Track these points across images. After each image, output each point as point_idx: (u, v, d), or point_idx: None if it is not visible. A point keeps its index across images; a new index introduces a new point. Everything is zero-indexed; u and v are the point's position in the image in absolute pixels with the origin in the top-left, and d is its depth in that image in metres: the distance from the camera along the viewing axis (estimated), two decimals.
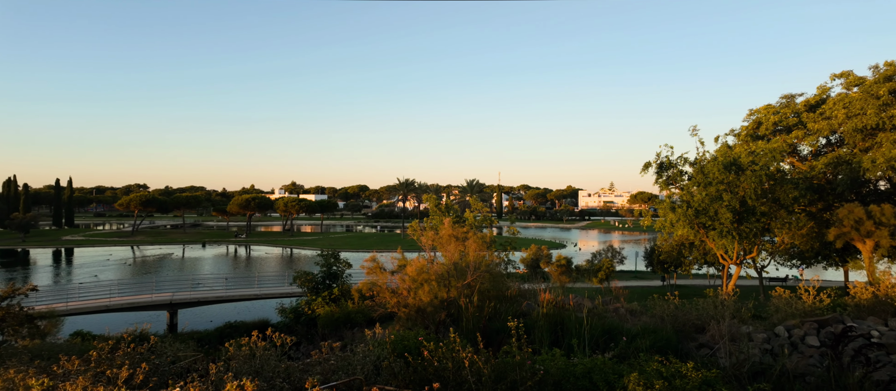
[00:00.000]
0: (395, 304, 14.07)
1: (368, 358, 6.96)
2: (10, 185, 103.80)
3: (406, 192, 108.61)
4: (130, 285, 40.26)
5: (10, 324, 14.00)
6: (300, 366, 6.87)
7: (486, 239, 16.73)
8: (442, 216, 24.03)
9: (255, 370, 6.67)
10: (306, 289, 25.91)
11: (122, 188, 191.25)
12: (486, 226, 24.63)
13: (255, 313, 30.41)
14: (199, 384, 5.35)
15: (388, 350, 7.07)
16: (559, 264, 34.58)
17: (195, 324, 28.14)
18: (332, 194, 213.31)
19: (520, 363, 5.87)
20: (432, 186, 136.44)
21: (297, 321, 23.62)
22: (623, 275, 44.26)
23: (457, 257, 16.14)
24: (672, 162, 25.45)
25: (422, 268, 14.60)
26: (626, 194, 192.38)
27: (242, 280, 45.57)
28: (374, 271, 15.47)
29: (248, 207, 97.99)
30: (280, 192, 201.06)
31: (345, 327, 21.48)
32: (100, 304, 27.80)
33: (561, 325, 11.48)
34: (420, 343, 6.56)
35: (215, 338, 21.97)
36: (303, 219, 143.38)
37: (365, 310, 21.71)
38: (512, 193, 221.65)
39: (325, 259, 26.65)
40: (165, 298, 29.55)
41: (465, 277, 14.49)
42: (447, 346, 6.00)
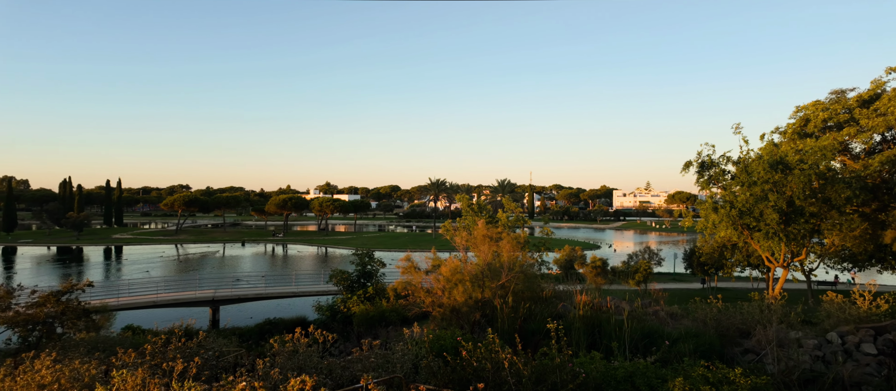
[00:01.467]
0: (430, 304, 14.18)
1: (407, 356, 7.06)
2: (66, 186, 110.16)
3: (437, 192, 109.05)
4: (175, 282, 42.04)
5: (69, 317, 14.87)
6: (342, 363, 7.04)
7: (520, 239, 16.62)
8: (475, 216, 24.01)
9: (299, 366, 6.88)
10: (342, 287, 26.40)
11: (166, 188, 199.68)
12: (519, 226, 24.46)
13: (293, 310, 31.19)
14: (248, 377, 5.56)
15: (426, 349, 7.15)
16: (594, 265, 34.00)
17: (236, 321, 29.09)
18: (365, 194, 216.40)
19: (560, 365, 5.83)
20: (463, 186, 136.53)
21: (333, 319, 24.09)
22: (661, 278, 43.10)
23: (490, 257, 16.11)
24: (714, 161, 24.61)
25: (456, 269, 14.66)
26: (663, 194, 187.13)
27: (280, 278, 46.86)
28: (409, 271, 15.62)
29: (285, 207, 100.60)
30: (315, 193, 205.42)
31: (380, 325, 21.78)
32: (148, 300, 29.15)
33: (598, 328, 11.30)
34: (458, 343, 6.60)
35: (256, 334, 22.67)
36: (337, 218, 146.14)
37: (399, 309, 21.95)
38: (544, 193, 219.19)
39: (360, 258, 27.09)
40: (208, 295, 30.71)
41: (500, 278, 14.46)
42: (485, 347, 6.02)
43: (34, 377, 5.57)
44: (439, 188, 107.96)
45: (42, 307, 14.58)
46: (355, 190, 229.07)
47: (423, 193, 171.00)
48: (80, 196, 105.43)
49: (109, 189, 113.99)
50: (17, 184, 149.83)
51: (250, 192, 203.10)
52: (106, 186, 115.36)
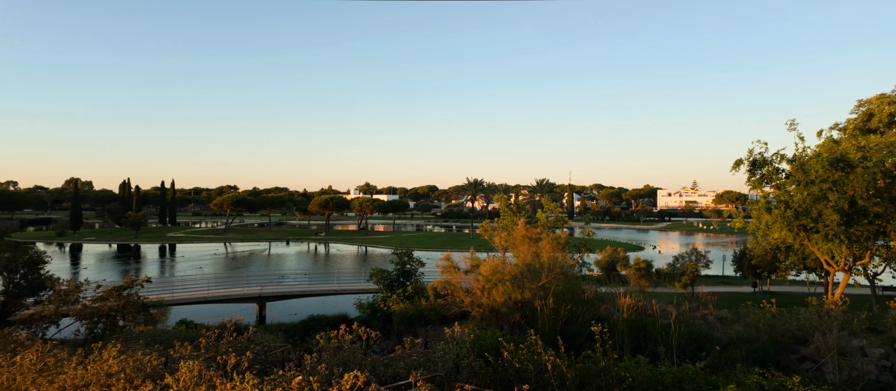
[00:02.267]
0: (469, 304, 14.22)
1: (448, 355, 7.12)
2: (125, 187, 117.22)
3: (475, 191, 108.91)
4: (225, 279, 43.93)
5: (129, 311, 15.83)
6: (384, 361, 7.18)
7: (560, 240, 16.39)
8: (514, 216, 23.84)
9: (343, 362, 7.06)
10: (382, 285, 26.86)
11: (215, 189, 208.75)
12: (559, 226, 24.11)
13: (335, 307, 31.94)
14: (296, 371, 5.76)
15: (467, 349, 7.19)
16: (637, 267, 33.07)
17: (282, 317, 30.10)
18: (403, 194, 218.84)
19: (604, 369, 5.72)
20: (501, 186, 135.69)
21: (373, 316, 24.52)
22: (709, 281, 41.41)
23: (530, 258, 15.97)
24: (766, 159, 23.42)
25: (495, 269, 14.63)
26: (710, 193, 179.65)
27: (322, 276, 48.08)
28: (448, 270, 15.70)
29: (327, 207, 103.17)
30: (355, 193, 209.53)
31: (419, 324, 21.99)
32: (199, 296, 30.59)
33: (643, 332, 11.01)
34: (499, 343, 6.60)
35: (300, 330, 23.36)
36: (376, 218, 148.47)
37: (438, 308, 22.09)
38: (584, 193, 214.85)
39: (399, 257, 27.47)
40: (255, 292, 31.91)
41: (540, 279, 14.32)
42: (527, 348, 5.99)
43: (102, 366, 5.94)
44: (477, 188, 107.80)
45: (106, 301, 15.60)
46: (394, 190, 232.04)
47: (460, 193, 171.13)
48: (138, 196, 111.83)
49: (164, 190, 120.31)
50: (81, 185, 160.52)
51: (294, 193, 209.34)
52: (161, 187, 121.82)
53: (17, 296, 18.06)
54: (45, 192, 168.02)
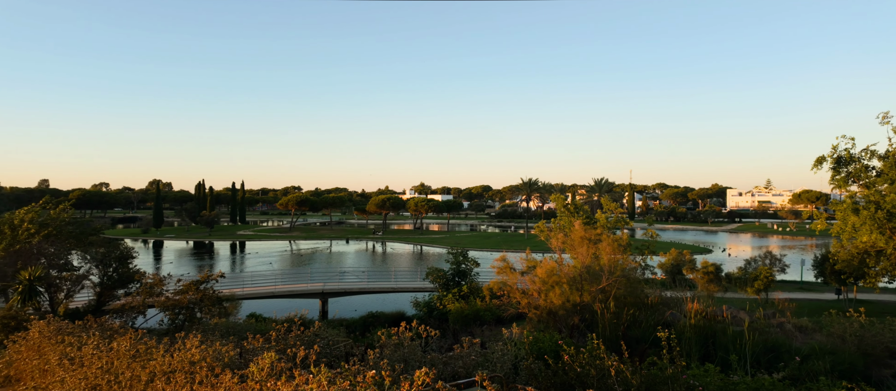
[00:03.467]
0: (526, 305, 14.10)
1: (506, 357, 7.11)
2: (200, 188, 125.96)
3: (529, 191, 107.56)
4: (290, 275, 46.13)
5: (206, 304, 17.01)
6: (443, 359, 7.29)
7: (621, 241, 15.87)
8: (571, 217, 23.35)
9: (403, 358, 7.24)
10: (437, 285, 27.20)
11: (281, 190, 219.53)
12: (619, 227, 23.35)
13: (393, 305, 32.66)
14: (361, 366, 5.98)
15: (526, 350, 7.15)
16: (705, 271, 31.35)
17: (343, 312, 31.18)
18: (457, 194, 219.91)
19: (672, 376, 5.51)
20: (556, 186, 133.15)
21: (430, 315, 24.87)
22: (786, 286, 38.49)
23: (589, 260, 15.59)
24: (854, 156, 21.44)
25: (552, 270, 14.42)
26: (786, 193, 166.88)
27: (380, 274, 49.33)
28: (504, 271, 15.65)
29: (384, 207, 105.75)
30: (410, 193, 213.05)
31: (475, 324, 22.06)
32: (267, 291, 32.34)
33: (712, 339, 10.46)
34: (559, 346, 6.52)
35: (360, 326, 24.10)
36: (431, 218, 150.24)
37: (493, 309, 22.06)
38: (646, 193, 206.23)
39: (455, 257, 27.69)
40: (318, 288, 33.28)
41: (600, 282, 13.95)
42: (589, 352, 5.88)
43: (186, 355, 6.42)
44: (531, 188, 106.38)
45: (185, 294, 16.87)
46: (448, 190, 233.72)
47: (514, 193, 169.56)
48: (211, 197, 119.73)
49: (234, 190, 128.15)
50: (162, 186, 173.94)
51: (353, 193, 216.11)
52: (232, 188, 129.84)
53: (111, 287, 19.93)
54: (132, 193, 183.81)
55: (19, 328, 12.92)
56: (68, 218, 22.38)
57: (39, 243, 19.75)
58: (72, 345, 7.90)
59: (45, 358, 8.10)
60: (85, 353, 7.30)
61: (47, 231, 20.55)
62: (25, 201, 65.13)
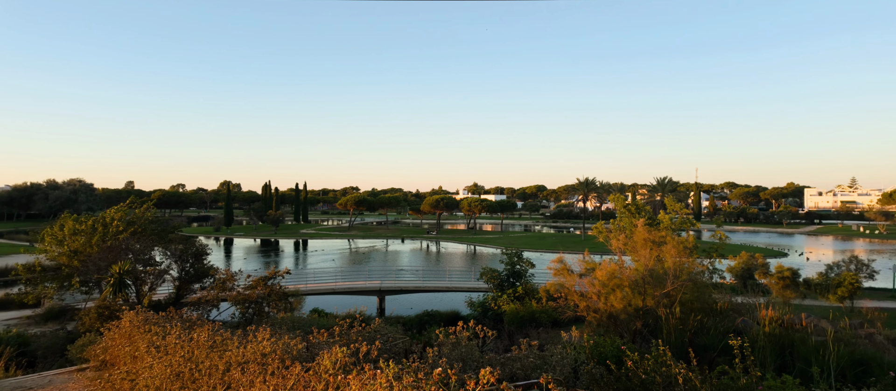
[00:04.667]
0: (584, 308, 13.77)
1: (566, 360, 6.99)
2: (267, 188, 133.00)
3: (586, 191, 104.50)
4: (349, 272, 47.71)
5: (273, 299, 17.95)
6: (500, 360, 7.28)
7: (687, 244, 15.13)
8: (632, 217, 22.55)
9: (461, 357, 7.30)
10: (492, 285, 27.13)
11: (340, 190, 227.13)
12: (685, 229, 22.29)
13: (447, 304, 32.94)
14: (420, 363, 6.10)
15: (586, 354, 7.00)
16: (780, 276, 29.23)
17: (399, 310, 31.83)
18: (511, 194, 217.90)
19: (745, 387, 5.21)
20: (615, 185, 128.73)
21: (484, 315, 24.86)
22: (875, 294, 35.10)
23: (652, 263, 14.99)
24: None
25: (612, 273, 13.98)
26: (874, 193, 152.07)
27: (434, 273, 49.88)
28: (561, 273, 15.35)
29: (438, 207, 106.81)
30: (463, 193, 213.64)
31: (530, 325, 21.82)
32: (328, 288, 33.62)
33: (790, 349, 9.75)
34: (621, 352, 6.34)
35: (416, 324, 24.50)
36: (484, 218, 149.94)
37: (549, 311, 21.71)
38: (713, 192, 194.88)
39: (509, 258, 27.50)
40: (375, 285, 34.18)
41: (664, 285, 13.37)
42: (654, 359, 5.67)
43: (258, 347, 6.81)
44: (588, 187, 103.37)
45: (254, 289, 17.89)
46: (501, 190, 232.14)
47: (570, 193, 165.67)
48: (277, 197, 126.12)
49: (297, 191, 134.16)
50: (232, 187, 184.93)
51: (408, 193, 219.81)
52: (295, 188, 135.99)
53: (188, 281, 21.46)
54: (205, 194, 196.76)
55: (112, 317, 14.24)
56: (151, 216, 24.36)
57: (127, 239, 21.62)
58: (157, 334, 8.59)
59: (135, 345, 8.86)
60: (169, 342, 7.91)
61: (133, 228, 22.48)
62: (115, 201, 71.81)
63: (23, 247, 64.32)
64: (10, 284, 39.85)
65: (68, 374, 10.75)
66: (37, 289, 22.33)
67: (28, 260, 23.99)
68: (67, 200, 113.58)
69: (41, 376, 10.96)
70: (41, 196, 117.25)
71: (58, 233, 22.38)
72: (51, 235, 22.52)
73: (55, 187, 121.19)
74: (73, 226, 22.19)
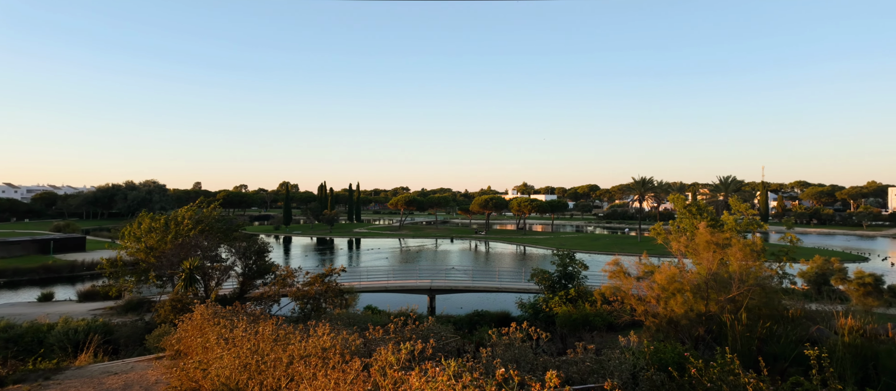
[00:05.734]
0: (642, 313, 13.30)
1: (624, 365, 6.81)
2: (322, 189, 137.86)
3: (642, 191, 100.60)
4: (400, 271, 48.56)
5: (330, 296, 18.59)
6: (555, 363, 7.19)
7: (755, 246, 14.28)
8: (693, 218, 21.56)
9: (514, 358, 7.27)
10: (543, 286, 26.69)
11: (391, 190, 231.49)
12: (751, 230, 21.04)
13: (497, 304, 32.82)
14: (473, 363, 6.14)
15: (646, 360, 6.78)
16: (861, 282, 26.96)
17: (449, 309, 32.06)
18: (562, 194, 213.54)
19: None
20: (674, 184, 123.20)
21: (535, 317, 24.54)
22: None
23: (715, 266, 14.25)
24: None
25: (672, 277, 13.43)
26: None
27: (484, 273, 49.80)
28: (617, 275, 14.91)
29: (487, 207, 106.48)
30: (512, 193, 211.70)
31: (583, 329, 21.34)
32: (380, 285, 34.39)
33: (874, 361, 8.99)
34: (684, 358, 6.09)
35: (466, 323, 24.58)
36: (534, 218, 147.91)
37: (604, 315, 21.14)
38: (782, 192, 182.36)
39: (561, 259, 26.95)
40: (426, 284, 34.59)
41: (729, 290, 12.71)
42: (720, 367, 5.41)
43: (318, 341, 7.09)
44: (645, 187, 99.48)
45: (312, 286, 18.60)
46: (552, 190, 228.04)
47: (625, 193, 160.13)
48: (332, 197, 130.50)
49: (351, 191, 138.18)
50: (290, 187, 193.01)
51: (456, 193, 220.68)
52: (349, 189, 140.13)
53: (251, 277, 22.63)
54: (266, 194, 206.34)
55: (184, 310, 15.28)
56: (217, 215, 25.87)
57: (196, 237, 23.10)
58: (225, 326, 9.12)
59: (206, 337, 9.45)
60: (236, 335, 8.39)
61: (202, 226, 23.98)
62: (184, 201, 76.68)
63: (107, 243, 70.27)
64: (96, 277, 43.67)
65: (147, 362, 11.64)
66: (118, 282, 24.31)
67: (111, 255, 26.20)
68: (143, 200, 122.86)
69: (124, 363, 11.94)
70: (121, 196, 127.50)
71: (136, 231, 24.27)
72: (130, 233, 24.45)
73: (133, 188, 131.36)
74: (149, 224, 23.97)
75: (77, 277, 47.73)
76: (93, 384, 9.78)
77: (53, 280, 46.11)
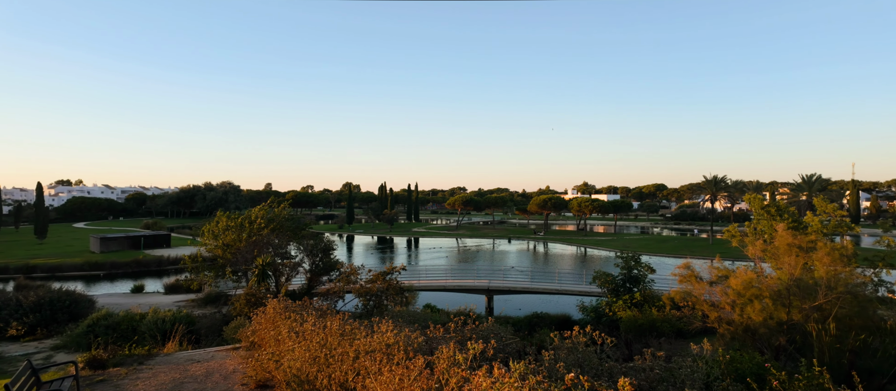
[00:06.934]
0: (715, 320, 12.56)
1: (697, 375, 6.47)
2: (383, 189, 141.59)
3: (715, 190, 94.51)
4: (458, 271, 48.82)
5: (390, 293, 19.05)
6: (621, 369, 6.96)
7: (845, 251, 13.06)
8: (772, 220, 20.11)
9: (578, 363, 7.11)
10: (606, 289, 25.84)
11: (448, 190, 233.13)
12: (839, 233, 19.30)
13: (556, 307, 32.17)
14: (536, 365, 6.08)
15: (721, 370, 6.41)
16: None
17: (507, 310, 31.83)
18: (625, 194, 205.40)
19: None
20: (750, 183, 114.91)
21: (598, 321, 23.84)
22: None
23: (798, 272, 13.18)
24: None
25: (749, 282, 12.57)
26: None
27: (543, 274, 48.95)
28: (688, 279, 14.16)
29: (545, 207, 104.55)
30: (572, 193, 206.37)
31: (650, 335, 20.47)
32: (439, 284, 34.74)
33: None
34: (765, 369, 5.70)
35: (525, 325, 24.30)
36: (595, 219, 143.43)
37: (672, 320, 20.17)
38: (876, 191, 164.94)
39: (625, 261, 25.96)
40: (483, 284, 34.55)
41: (814, 298, 11.71)
42: (807, 380, 5.02)
43: (382, 337, 7.30)
44: (717, 186, 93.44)
45: (375, 283, 19.16)
46: (614, 189, 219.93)
47: (695, 192, 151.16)
48: (391, 197, 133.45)
49: (410, 191, 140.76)
50: (353, 188, 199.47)
51: (514, 193, 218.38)
52: (407, 189, 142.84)
53: (317, 274, 23.66)
54: (330, 194, 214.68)
55: (258, 304, 16.25)
56: (287, 215, 27.24)
57: (268, 235, 24.47)
58: (296, 320, 9.59)
59: (278, 330, 9.99)
60: (306, 329, 8.80)
61: (273, 225, 25.34)
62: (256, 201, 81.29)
63: (188, 239, 76.07)
64: (179, 271, 47.43)
65: (225, 352, 12.50)
66: (199, 276, 26.22)
67: (192, 251, 28.36)
68: (220, 200, 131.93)
69: (205, 352, 12.90)
70: (200, 196, 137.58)
71: (214, 229, 26.07)
72: (209, 230, 26.30)
73: (211, 189, 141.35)
74: (226, 222, 25.67)
75: (163, 271, 52.03)
76: (179, 370, 10.65)
77: (143, 273, 50.57)
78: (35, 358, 17.14)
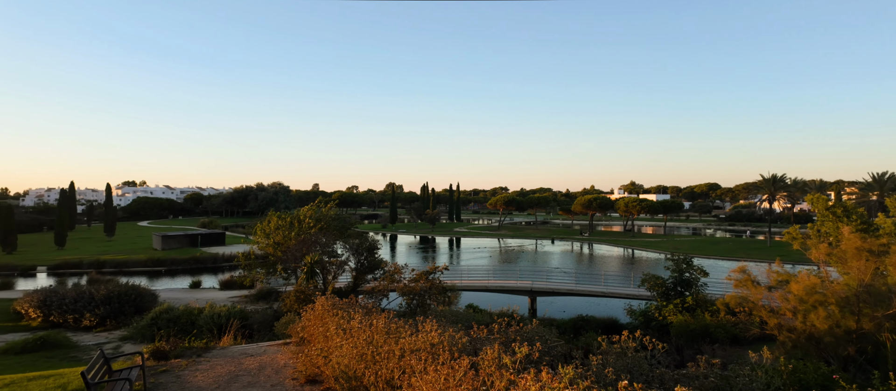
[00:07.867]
0: (775, 326, 11.88)
1: (755, 384, 6.18)
2: (425, 189, 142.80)
3: (773, 189, 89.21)
4: (500, 271, 48.56)
5: (433, 293, 19.20)
6: (674, 376, 6.72)
7: None
8: (837, 221, 18.84)
9: (628, 369, 6.93)
10: (655, 293, 24.98)
11: (490, 190, 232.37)
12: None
13: (602, 310, 31.36)
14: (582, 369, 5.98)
15: (782, 380, 6.07)
16: None
17: (551, 312, 31.33)
18: (676, 194, 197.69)
19: None
20: (812, 183, 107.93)
21: (647, 325, 23.09)
22: None
23: (868, 277, 12.26)
24: None
25: (813, 287, 11.82)
26: None
27: (588, 276, 47.85)
28: (744, 284, 13.47)
29: (590, 207, 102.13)
30: (619, 192, 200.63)
31: (702, 340, 19.64)
32: (481, 285, 34.67)
33: None
34: (833, 381, 5.35)
35: (570, 328, 23.85)
36: (643, 219, 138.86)
37: (727, 326, 19.26)
38: None
39: (676, 264, 25.00)
40: (527, 285, 34.18)
41: (888, 305, 10.87)
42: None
43: (427, 337, 7.37)
44: (776, 185, 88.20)
45: (418, 282, 19.37)
46: (664, 189, 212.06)
47: (750, 192, 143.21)
48: (433, 197, 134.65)
49: (451, 192, 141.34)
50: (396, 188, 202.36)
51: (557, 193, 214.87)
52: (449, 189, 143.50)
53: (362, 272, 24.18)
54: (374, 194, 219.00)
55: (307, 301, 16.80)
56: (334, 214, 28.02)
57: (316, 234, 25.25)
58: (343, 318, 9.84)
59: (326, 326, 10.28)
60: (353, 326, 9.01)
61: (321, 225, 26.14)
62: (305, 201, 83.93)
63: (242, 238, 79.63)
64: (233, 268, 49.74)
65: (277, 347, 13.00)
66: (251, 273, 27.43)
67: (245, 249, 29.67)
68: (271, 200, 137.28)
69: (258, 346, 13.46)
70: (252, 196, 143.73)
71: (265, 228, 27.18)
72: (260, 229, 27.45)
73: (262, 189, 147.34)
74: (276, 222, 26.70)
75: (218, 268, 54.69)
76: (234, 363, 11.17)
77: (200, 270, 53.34)
78: (106, 347, 18.49)
